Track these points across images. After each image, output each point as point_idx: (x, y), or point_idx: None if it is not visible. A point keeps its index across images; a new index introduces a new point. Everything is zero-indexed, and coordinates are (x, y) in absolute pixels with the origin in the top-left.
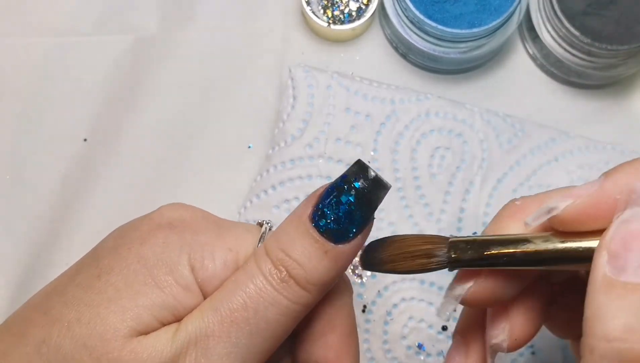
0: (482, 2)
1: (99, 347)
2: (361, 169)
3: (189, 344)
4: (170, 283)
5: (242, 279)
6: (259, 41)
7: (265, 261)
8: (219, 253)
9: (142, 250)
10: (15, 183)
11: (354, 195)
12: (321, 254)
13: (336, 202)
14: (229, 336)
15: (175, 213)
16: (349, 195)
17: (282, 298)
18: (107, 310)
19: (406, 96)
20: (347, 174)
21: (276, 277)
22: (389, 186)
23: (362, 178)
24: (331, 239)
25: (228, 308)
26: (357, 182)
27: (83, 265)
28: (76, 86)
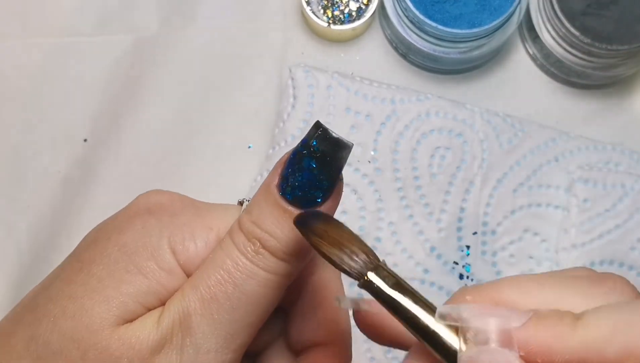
0: (482, 2)
1: (86, 338)
2: (319, 131)
3: (174, 325)
4: (153, 269)
5: (218, 255)
6: (259, 41)
7: (239, 235)
8: (199, 232)
9: (121, 238)
10: (15, 183)
11: (315, 158)
12: (290, 221)
13: (299, 168)
14: (210, 313)
15: (152, 199)
16: (310, 160)
17: (259, 270)
18: (91, 301)
19: (406, 96)
20: (306, 139)
21: (250, 249)
22: (350, 145)
23: (321, 140)
24: (300, 206)
25: (207, 285)
26: (317, 145)
27: (66, 262)
28: (76, 86)
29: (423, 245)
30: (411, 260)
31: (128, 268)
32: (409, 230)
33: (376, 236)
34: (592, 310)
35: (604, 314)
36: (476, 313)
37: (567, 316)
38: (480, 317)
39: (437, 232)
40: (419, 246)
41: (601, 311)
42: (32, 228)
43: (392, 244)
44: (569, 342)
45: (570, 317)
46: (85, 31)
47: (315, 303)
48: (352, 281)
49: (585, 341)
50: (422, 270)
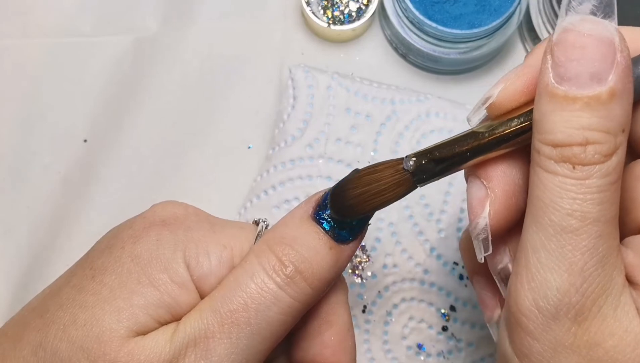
0: (482, 2)
1: (95, 349)
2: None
3: (188, 345)
4: (165, 281)
5: (242, 277)
6: (259, 41)
7: (269, 256)
8: (213, 249)
9: (135, 248)
10: (15, 183)
11: None
12: (327, 249)
13: None
14: (229, 337)
15: (168, 211)
16: None
17: (284, 296)
18: (102, 311)
19: (406, 96)
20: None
21: (281, 273)
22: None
23: None
24: (333, 238)
25: (228, 309)
26: None
27: (77, 267)
28: (76, 87)
29: (423, 245)
30: (411, 261)
31: (140, 280)
32: (409, 230)
33: (376, 237)
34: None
35: None
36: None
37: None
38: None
39: (437, 232)
40: (419, 246)
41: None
42: (32, 228)
43: (392, 244)
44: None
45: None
46: (85, 31)
47: (323, 325)
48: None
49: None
50: (422, 270)
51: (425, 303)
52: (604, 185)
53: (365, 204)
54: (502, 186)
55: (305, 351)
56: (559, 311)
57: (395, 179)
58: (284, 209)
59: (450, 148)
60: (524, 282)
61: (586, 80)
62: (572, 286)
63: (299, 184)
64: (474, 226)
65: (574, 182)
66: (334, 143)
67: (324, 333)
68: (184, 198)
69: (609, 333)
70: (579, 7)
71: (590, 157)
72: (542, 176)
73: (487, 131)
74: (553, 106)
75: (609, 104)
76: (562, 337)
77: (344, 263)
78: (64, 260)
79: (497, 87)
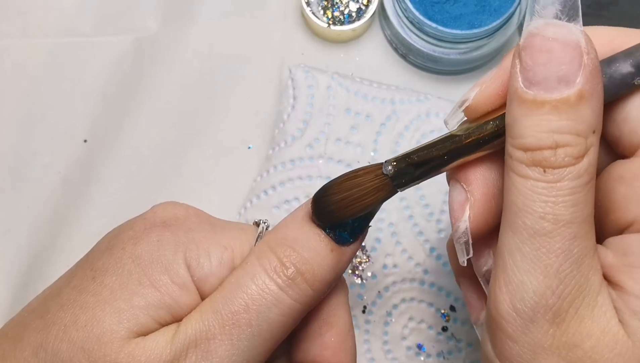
0: (481, 3)
1: (96, 350)
2: None
3: (189, 346)
4: (166, 282)
5: (243, 279)
6: (259, 42)
7: (270, 258)
8: (214, 251)
9: (136, 249)
10: (15, 183)
11: None
12: (328, 251)
13: None
14: (230, 338)
15: (169, 212)
16: None
17: (286, 298)
18: (103, 312)
19: (406, 96)
20: None
21: (282, 275)
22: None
23: None
24: (334, 240)
25: (229, 311)
26: None
27: (78, 267)
28: (76, 87)
29: (423, 245)
30: (411, 261)
31: (141, 281)
32: (409, 230)
33: (376, 237)
34: None
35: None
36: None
37: None
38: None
39: (437, 233)
40: (419, 247)
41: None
42: (32, 228)
43: (392, 245)
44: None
45: None
46: (85, 31)
47: (323, 326)
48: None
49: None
50: (421, 270)
51: (425, 303)
52: (576, 187)
53: (347, 209)
54: (481, 190)
55: (305, 352)
56: (536, 313)
57: (375, 184)
58: (284, 209)
59: (428, 151)
60: (501, 285)
61: (554, 83)
62: (548, 289)
63: (299, 185)
64: (455, 230)
65: (545, 185)
66: (334, 143)
67: (324, 334)
68: (184, 198)
69: (587, 334)
70: (543, 12)
71: (560, 160)
72: (515, 180)
73: (464, 133)
74: (523, 111)
75: (577, 107)
76: (541, 339)
77: (345, 264)
78: (64, 260)
79: (473, 90)
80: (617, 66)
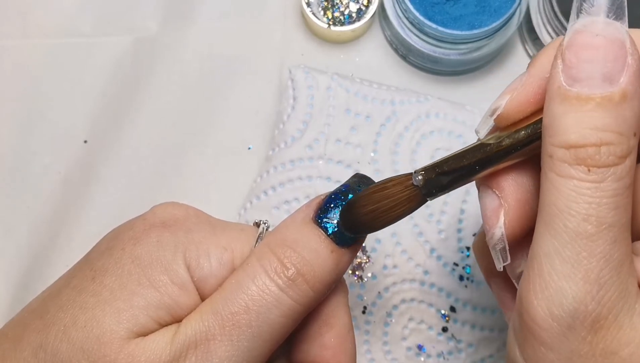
0: (482, 3)
1: (96, 350)
2: (362, 179)
3: (189, 347)
4: (166, 283)
5: (243, 279)
6: (259, 42)
7: (270, 259)
8: (214, 251)
9: (135, 250)
10: (15, 184)
11: None
12: (328, 252)
13: (342, 206)
14: (230, 339)
15: (168, 212)
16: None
17: (286, 298)
18: (102, 313)
19: (406, 97)
20: (349, 184)
21: (283, 276)
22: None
23: (365, 186)
24: (335, 241)
25: (229, 311)
26: (360, 189)
27: (78, 268)
28: (76, 87)
29: (423, 246)
30: (411, 262)
31: (140, 281)
32: (409, 231)
33: (376, 238)
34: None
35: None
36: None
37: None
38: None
39: (437, 233)
40: (419, 247)
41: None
42: (32, 228)
43: (392, 245)
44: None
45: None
46: (85, 31)
47: (323, 326)
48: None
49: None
50: (422, 271)
51: (425, 304)
52: (619, 188)
53: (377, 221)
54: (514, 195)
55: (305, 353)
56: (575, 320)
57: (406, 195)
58: (283, 210)
59: (459, 161)
60: (537, 291)
61: (598, 81)
62: (589, 294)
63: (298, 185)
64: (491, 237)
65: (590, 185)
66: (333, 143)
67: (324, 335)
68: (183, 198)
69: (626, 342)
70: (591, 9)
71: (605, 158)
72: (556, 181)
73: (496, 142)
74: (565, 108)
75: (620, 106)
76: (578, 346)
77: (345, 266)
78: (64, 260)
79: (503, 98)
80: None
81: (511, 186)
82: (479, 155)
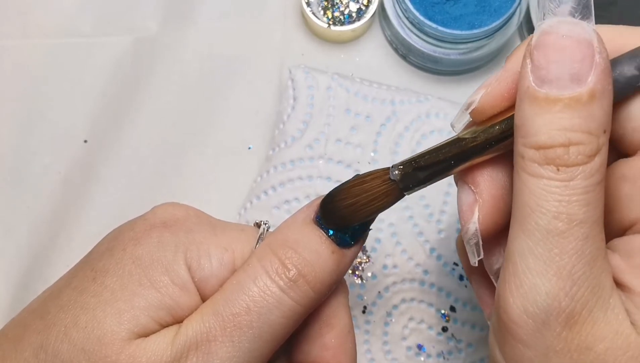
0: (482, 3)
1: (96, 351)
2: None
3: (190, 348)
4: (166, 283)
5: (244, 280)
6: (259, 42)
7: (271, 259)
8: (214, 252)
9: (136, 250)
10: (15, 184)
11: None
12: (329, 253)
13: None
14: (231, 340)
15: (169, 212)
16: None
17: (287, 299)
18: (103, 313)
19: (406, 97)
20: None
21: (284, 277)
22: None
23: None
24: (336, 242)
25: (230, 312)
26: None
27: (78, 268)
28: (76, 88)
29: (423, 246)
30: (411, 261)
31: (141, 281)
32: (409, 231)
33: (376, 237)
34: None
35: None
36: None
37: None
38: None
39: (437, 233)
40: (419, 247)
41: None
42: (32, 228)
43: (392, 245)
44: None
45: None
46: (85, 31)
47: (323, 327)
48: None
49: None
50: (421, 271)
51: (425, 303)
52: (589, 186)
53: (356, 214)
54: (489, 191)
55: (305, 353)
56: (549, 316)
57: (383, 189)
58: (284, 210)
59: (435, 155)
60: (512, 289)
61: (566, 81)
62: (562, 290)
63: (299, 185)
64: (465, 231)
65: (559, 184)
66: (334, 143)
67: (324, 335)
68: (184, 198)
69: (600, 337)
70: (557, 10)
71: (573, 158)
72: (527, 180)
73: (471, 136)
74: (534, 109)
75: (589, 105)
76: (553, 342)
77: (346, 266)
78: (64, 260)
79: (478, 93)
80: (622, 68)
81: (486, 182)
82: (454, 150)
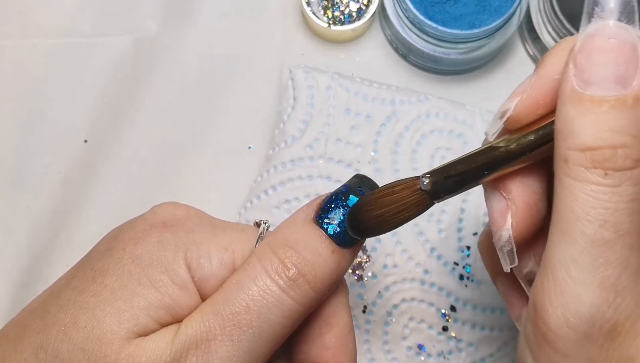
0: (482, 3)
1: (96, 350)
2: (363, 180)
3: (189, 347)
4: (166, 283)
5: (244, 280)
6: (259, 42)
7: (271, 259)
8: (214, 251)
9: (136, 250)
10: (15, 184)
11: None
12: (329, 252)
13: (343, 206)
14: (231, 340)
15: (169, 212)
16: (353, 202)
17: (287, 299)
18: (103, 313)
19: (406, 96)
20: (350, 184)
21: (284, 276)
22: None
23: (367, 188)
24: (337, 242)
25: (230, 312)
26: (361, 190)
27: (78, 268)
28: (76, 87)
29: (423, 245)
30: (411, 261)
31: (141, 281)
32: (409, 231)
33: (376, 237)
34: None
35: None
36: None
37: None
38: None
39: (438, 233)
40: (420, 247)
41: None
42: (32, 228)
43: (393, 245)
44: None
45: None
46: (85, 32)
47: (323, 326)
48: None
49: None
50: (422, 271)
51: (425, 303)
52: (635, 193)
53: (384, 224)
54: (522, 197)
55: (305, 353)
56: (591, 327)
57: (413, 200)
58: (284, 209)
59: (467, 164)
60: (552, 298)
61: (611, 83)
62: (606, 302)
63: (299, 185)
64: (498, 239)
65: (607, 190)
66: (334, 143)
67: (324, 335)
68: (184, 198)
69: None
70: (602, 13)
71: (621, 161)
72: (571, 185)
73: (505, 145)
74: (579, 110)
75: (634, 109)
76: (595, 354)
77: (346, 266)
78: (64, 260)
79: (512, 100)
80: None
81: (519, 189)
82: (487, 159)
